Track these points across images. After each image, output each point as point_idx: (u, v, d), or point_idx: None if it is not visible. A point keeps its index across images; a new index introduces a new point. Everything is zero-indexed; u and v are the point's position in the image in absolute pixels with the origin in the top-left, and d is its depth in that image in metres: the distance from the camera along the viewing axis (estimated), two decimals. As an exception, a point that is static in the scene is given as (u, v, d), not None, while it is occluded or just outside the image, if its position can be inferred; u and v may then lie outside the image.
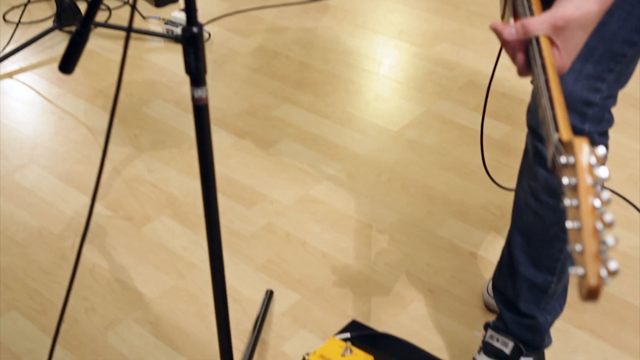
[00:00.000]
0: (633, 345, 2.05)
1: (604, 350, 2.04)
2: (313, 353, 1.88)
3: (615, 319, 2.13)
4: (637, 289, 2.21)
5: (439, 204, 2.50)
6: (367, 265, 2.27)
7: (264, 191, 2.56)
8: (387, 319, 2.11)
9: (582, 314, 2.13)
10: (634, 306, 2.16)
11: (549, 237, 1.66)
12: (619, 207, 2.50)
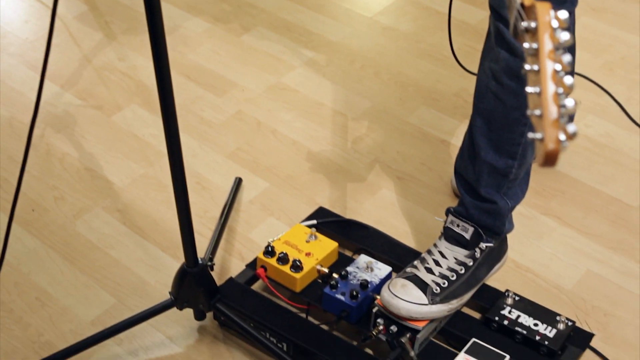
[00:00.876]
0: (598, 232, 2.06)
1: (569, 236, 2.06)
2: (277, 239, 1.89)
3: (582, 206, 2.14)
4: (606, 176, 2.22)
5: (411, 91, 2.49)
6: (337, 152, 2.27)
7: (235, 79, 2.54)
8: (354, 206, 2.12)
9: (549, 201, 2.14)
10: (601, 193, 2.17)
11: (509, 121, 1.65)
12: (594, 94, 2.49)
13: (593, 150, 2.30)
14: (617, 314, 1.88)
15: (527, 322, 1.76)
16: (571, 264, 1.99)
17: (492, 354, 1.65)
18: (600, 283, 1.94)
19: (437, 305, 1.67)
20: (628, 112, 2.42)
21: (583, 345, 1.78)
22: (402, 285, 1.67)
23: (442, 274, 1.70)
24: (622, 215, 2.11)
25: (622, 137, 2.34)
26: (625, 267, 1.98)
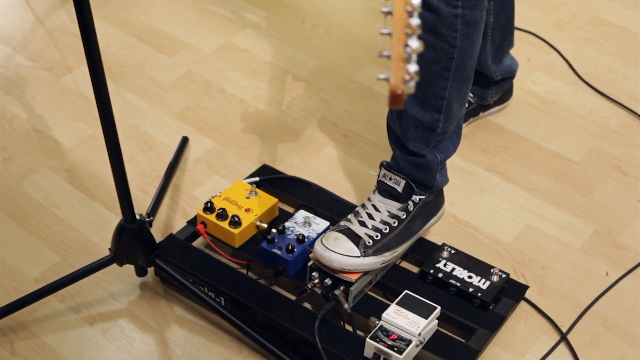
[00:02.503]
0: (540, 187, 2.08)
1: (511, 191, 2.08)
2: (218, 196, 1.90)
3: (525, 162, 2.16)
4: (550, 132, 2.24)
5: (360, 50, 2.50)
6: (284, 111, 2.28)
7: (186, 39, 2.54)
8: (299, 164, 2.13)
9: (493, 157, 2.16)
10: (545, 149, 2.19)
11: (431, 75, 1.67)
12: (542, 51, 2.50)
13: (539, 107, 2.32)
14: (554, 267, 1.91)
15: (461, 275, 1.79)
16: (511, 218, 2.01)
17: (423, 305, 1.68)
18: (539, 237, 1.97)
19: (370, 257, 1.70)
20: (575, 69, 2.44)
21: (517, 297, 1.80)
22: (335, 238, 1.69)
23: (375, 227, 1.72)
24: (565, 171, 2.13)
25: (568, 94, 2.36)
26: (564, 222, 2.00)
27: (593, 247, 1.95)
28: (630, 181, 2.10)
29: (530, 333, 1.78)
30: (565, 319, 1.81)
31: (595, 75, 2.42)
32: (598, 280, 1.88)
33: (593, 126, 2.26)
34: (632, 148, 2.19)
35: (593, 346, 1.76)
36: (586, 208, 2.03)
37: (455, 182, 2.07)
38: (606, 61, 2.47)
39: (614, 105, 2.33)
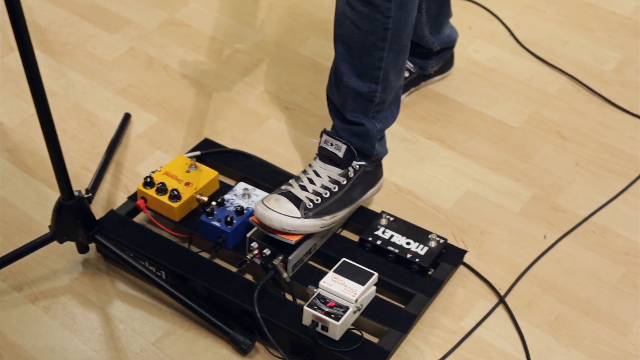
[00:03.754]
0: (480, 154, 2.11)
1: (451, 159, 2.10)
2: (158, 170, 1.91)
3: (466, 129, 2.18)
4: (491, 99, 2.26)
5: (303, 23, 2.50)
6: (227, 85, 2.29)
7: (128, 16, 2.54)
8: (241, 137, 2.14)
9: (434, 125, 2.18)
10: (486, 116, 2.21)
11: (367, 46, 1.68)
12: (483, 19, 2.52)
13: (480, 74, 2.34)
14: (493, 232, 1.93)
15: (399, 242, 1.81)
16: (451, 185, 2.03)
17: (360, 272, 1.70)
18: (478, 202, 1.99)
19: (310, 219, 1.72)
20: (516, 36, 2.46)
21: (455, 262, 1.83)
22: (276, 199, 1.72)
23: (315, 191, 1.74)
24: (504, 137, 2.15)
25: (509, 61, 2.38)
26: (504, 187, 2.03)
27: (531, 210, 1.98)
28: (569, 145, 2.13)
29: (469, 297, 1.81)
30: (503, 282, 1.84)
31: (536, 42, 2.44)
32: (536, 243, 1.91)
33: (533, 92, 2.28)
34: (571, 113, 2.22)
35: (531, 308, 1.79)
36: (525, 173, 2.06)
37: (396, 150, 2.09)
38: (547, 28, 2.49)
39: (554, 71, 2.35)
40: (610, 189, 2.03)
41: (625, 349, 1.72)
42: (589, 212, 1.98)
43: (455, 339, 1.74)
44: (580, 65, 2.37)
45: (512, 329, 1.76)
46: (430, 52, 2.18)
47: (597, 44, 2.44)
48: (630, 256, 1.89)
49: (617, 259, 1.88)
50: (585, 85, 2.30)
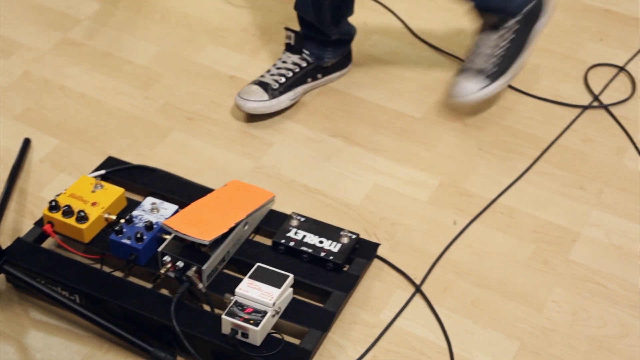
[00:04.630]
0: (385, 147, 2.13)
1: (356, 154, 2.12)
2: (63, 193, 1.88)
3: (369, 124, 2.20)
4: (391, 92, 2.29)
5: (198, 31, 2.49)
6: (126, 101, 2.26)
7: (21, 39, 2.49)
8: (146, 152, 2.12)
9: (337, 122, 2.19)
10: (387, 109, 2.24)
11: None
12: (377, 13, 2.55)
13: (379, 68, 2.36)
14: (404, 223, 1.95)
15: (312, 241, 1.81)
16: (359, 180, 2.05)
17: (275, 276, 1.70)
18: (387, 195, 2.01)
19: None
20: (411, 28, 2.49)
21: (369, 256, 1.84)
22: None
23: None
24: (408, 128, 2.18)
25: (406, 53, 2.41)
26: (410, 177, 2.05)
27: (439, 198, 2.00)
28: (470, 130, 2.17)
29: (386, 289, 1.83)
30: (418, 271, 1.86)
31: (431, 32, 2.48)
32: (447, 229, 1.94)
33: (432, 82, 2.31)
34: (469, 98, 2.25)
35: (447, 293, 1.82)
36: (430, 162, 2.09)
37: (301, 151, 2.10)
38: (440, 17, 2.53)
39: (451, 60, 2.39)
40: (514, 170, 2.07)
41: (541, 324, 1.76)
42: (495, 194, 2.01)
43: (376, 332, 1.75)
44: (475, 51, 2.40)
45: (431, 317, 1.78)
46: (328, 40, 2.20)
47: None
48: (539, 233, 1.93)
49: (526, 238, 1.92)
50: (482, 71, 2.33)
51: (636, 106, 2.25)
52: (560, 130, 2.18)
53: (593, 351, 1.72)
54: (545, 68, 2.37)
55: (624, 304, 1.80)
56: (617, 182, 2.05)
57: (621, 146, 2.14)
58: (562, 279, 1.85)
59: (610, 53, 2.41)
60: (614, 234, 1.94)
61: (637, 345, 1.73)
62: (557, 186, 2.04)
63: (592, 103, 2.26)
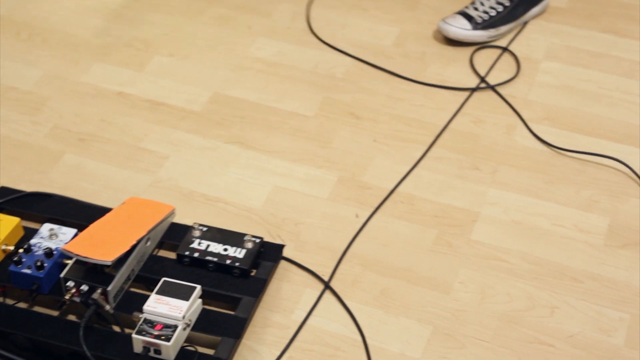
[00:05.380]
0: (281, 148, 2.14)
1: (253, 158, 2.12)
2: (-44, 230, 1.83)
3: (262, 127, 2.20)
4: (281, 93, 2.30)
5: (81, 51, 2.46)
6: (14, 128, 2.22)
7: None
8: (39, 178, 2.08)
9: (230, 129, 2.19)
10: (279, 110, 2.25)
11: None
12: (260, 16, 2.54)
13: (267, 70, 2.36)
14: (306, 221, 1.96)
15: (216, 250, 1.81)
16: (258, 184, 2.05)
17: (182, 288, 1.69)
18: (287, 196, 2.02)
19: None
20: (295, 27, 2.50)
21: (275, 258, 1.84)
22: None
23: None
24: (301, 127, 2.19)
25: (293, 52, 2.42)
26: (309, 176, 2.06)
27: (340, 193, 2.02)
28: (363, 123, 2.19)
29: (295, 289, 1.83)
30: (325, 268, 1.87)
31: (315, 29, 2.49)
32: (349, 224, 1.95)
33: (321, 79, 2.32)
34: (360, 92, 2.27)
35: (356, 286, 1.83)
36: (327, 158, 2.10)
37: (197, 160, 2.09)
38: (323, 14, 2.54)
39: (338, 55, 2.41)
40: (410, 158, 2.10)
41: (450, 306, 1.79)
42: (394, 184, 2.04)
43: (290, 333, 1.76)
44: (361, 44, 2.43)
45: (343, 311, 1.79)
46: None
47: (373, 21, 2.51)
48: (440, 217, 1.96)
49: (428, 223, 1.95)
50: (369, 63, 2.36)
51: (522, 84, 2.31)
52: (451, 115, 2.22)
53: (503, 326, 1.75)
54: (432, 55, 2.40)
55: (528, 277, 1.84)
56: (510, 160, 2.09)
57: (511, 124, 2.19)
58: (467, 259, 1.88)
59: (492, 34, 2.46)
60: (512, 210, 1.98)
61: (545, 315, 1.78)
62: (453, 169, 2.07)
63: (480, 85, 2.30)
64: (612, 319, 1.77)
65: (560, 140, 2.14)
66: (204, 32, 2.50)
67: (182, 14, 2.56)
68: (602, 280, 1.84)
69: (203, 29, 2.51)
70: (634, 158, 2.09)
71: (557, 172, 2.06)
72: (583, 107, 2.24)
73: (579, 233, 1.93)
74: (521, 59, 2.38)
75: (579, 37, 2.45)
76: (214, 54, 2.42)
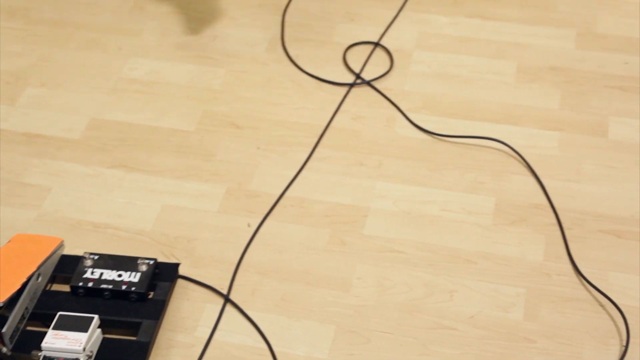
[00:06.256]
0: (166, 167, 2.12)
1: (138, 180, 2.10)
2: None
3: (144, 148, 2.18)
4: (160, 111, 2.27)
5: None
6: None
7: None
8: None
9: (112, 153, 2.16)
10: (160, 129, 2.24)
11: None
12: (131, 36, 2.52)
13: (143, 90, 2.34)
14: (199, 237, 1.95)
15: (111, 277, 1.78)
16: (146, 205, 2.02)
17: (80, 320, 1.66)
18: (177, 214, 2.00)
19: None
20: (168, 43, 2.48)
21: (172, 277, 1.82)
22: None
23: None
24: (183, 143, 2.17)
25: (167, 69, 2.40)
26: (197, 191, 2.05)
27: (229, 205, 2.01)
28: (245, 132, 2.19)
29: (196, 306, 1.82)
30: (223, 281, 1.86)
31: (187, 44, 2.47)
32: (242, 233, 1.95)
33: (198, 92, 2.31)
34: (238, 101, 2.27)
35: (255, 296, 1.83)
36: (213, 171, 2.09)
37: (81, 189, 2.06)
38: (193, 27, 2.53)
39: (214, 67, 2.40)
40: (295, 161, 2.10)
41: (351, 303, 1.80)
42: (282, 188, 2.04)
43: (196, 351, 1.74)
44: (234, 54, 2.43)
45: (245, 322, 1.79)
46: None
47: (244, 29, 2.51)
48: (331, 216, 1.97)
49: (320, 224, 1.96)
50: (245, 71, 2.36)
51: (397, 76, 2.34)
52: (330, 114, 2.23)
53: (405, 316, 1.78)
54: (305, 57, 2.42)
55: (424, 265, 1.87)
56: (393, 152, 2.12)
57: (390, 117, 2.22)
58: (362, 254, 1.89)
59: (363, 31, 2.49)
60: (401, 200, 2.01)
61: (444, 300, 1.81)
62: (339, 168, 2.09)
63: (356, 81, 2.32)
64: (509, 295, 1.81)
65: (440, 127, 2.18)
66: (73, 58, 2.46)
67: (49, 43, 2.51)
68: (495, 258, 1.88)
69: (73, 55, 2.47)
70: (513, 136, 2.14)
71: (441, 159, 2.10)
72: (458, 92, 2.28)
73: (467, 215, 1.97)
74: (393, 52, 2.41)
75: (447, 24, 2.50)
76: (86, 79, 2.39)
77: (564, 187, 2.03)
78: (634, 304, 1.80)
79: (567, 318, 1.78)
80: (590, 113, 2.21)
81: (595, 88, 2.28)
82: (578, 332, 1.75)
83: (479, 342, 1.75)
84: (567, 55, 2.38)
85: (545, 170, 2.07)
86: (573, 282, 1.85)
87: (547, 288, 1.83)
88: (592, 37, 2.44)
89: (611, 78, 2.31)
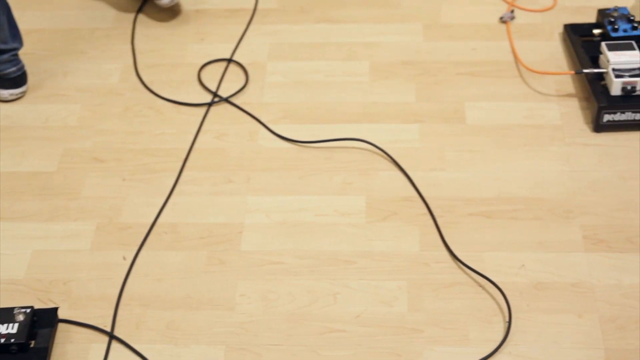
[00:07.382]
0: (31, 211, 2.08)
1: (4, 228, 2.04)
2: None
3: (6, 194, 2.12)
4: (17, 155, 2.22)
5: None
6: None
7: None
8: None
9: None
10: (20, 173, 2.18)
11: None
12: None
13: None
14: (75, 277, 1.91)
15: (-13, 332, 1.72)
16: (15, 253, 1.98)
17: (-40, 382, 1.60)
18: (49, 257, 1.96)
19: None
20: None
21: (52, 323, 1.78)
22: None
23: None
24: (46, 185, 2.13)
25: (20, 113, 2.35)
26: (67, 231, 2.02)
27: (101, 241, 1.98)
28: (109, 166, 2.16)
29: (81, 347, 1.79)
30: (105, 319, 1.83)
31: (38, 82, 2.42)
32: (119, 268, 1.92)
33: (55, 131, 2.27)
34: (98, 135, 2.24)
35: (141, 328, 1.80)
36: (80, 209, 2.05)
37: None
38: (42, 66, 2.48)
39: (69, 104, 2.36)
40: (163, 187, 2.09)
41: (238, 320, 1.80)
42: (153, 217, 2.02)
43: (85, 393, 1.70)
44: (87, 88, 2.39)
45: (134, 356, 1.77)
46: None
47: (94, 62, 2.47)
48: (206, 238, 1.96)
49: (195, 246, 1.95)
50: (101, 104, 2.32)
51: (254, 90, 2.35)
52: (193, 136, 2.22)
53: (293, 326, 1.78)
54: (160, 82, 2.40)
55: (305, 272, 1.88)
56: (260, 165, 2.13)
57: (253, 130, 2.23)
58: (242, 271, 1.89)
59: (215, 49, 2.49)
60: (274, 212, 2.01)
61: (329, 304, 1.82)
62: (207, 188, 2.08)
63: (214, 100, 2.32)
64: (391, 290, 1.84)
65: (303, 135, 2.20)
66: None
67: None
68: (372, 255, 1.91)
69: None
70: (375, 134, 2.18)
71: (308, 165, 2.12)
72: (316, 97, 2.31)
73: (341, 217, 1.99)
74: (247, 66, 2.42)
75: (296, 33, 2.53)
76: (-64, 133, 2.31)
77: (430, 176, 2.07)
78: (511, 279, 1.85)
79: (450, 303, 1.82)
80: (446, 102, 2.26)
81: (448, 77, 2.34)
82: (462, 315, 1.79)
83: (369, 339, 1.77)
84: (417, 48, 2.44)
85: (410, 162, 2.11)
86: (451, 267, 1.89)
87: (427, 277, 1.87)
88: (439, 28, 2.50)
89: (461, 65, 2.37)
